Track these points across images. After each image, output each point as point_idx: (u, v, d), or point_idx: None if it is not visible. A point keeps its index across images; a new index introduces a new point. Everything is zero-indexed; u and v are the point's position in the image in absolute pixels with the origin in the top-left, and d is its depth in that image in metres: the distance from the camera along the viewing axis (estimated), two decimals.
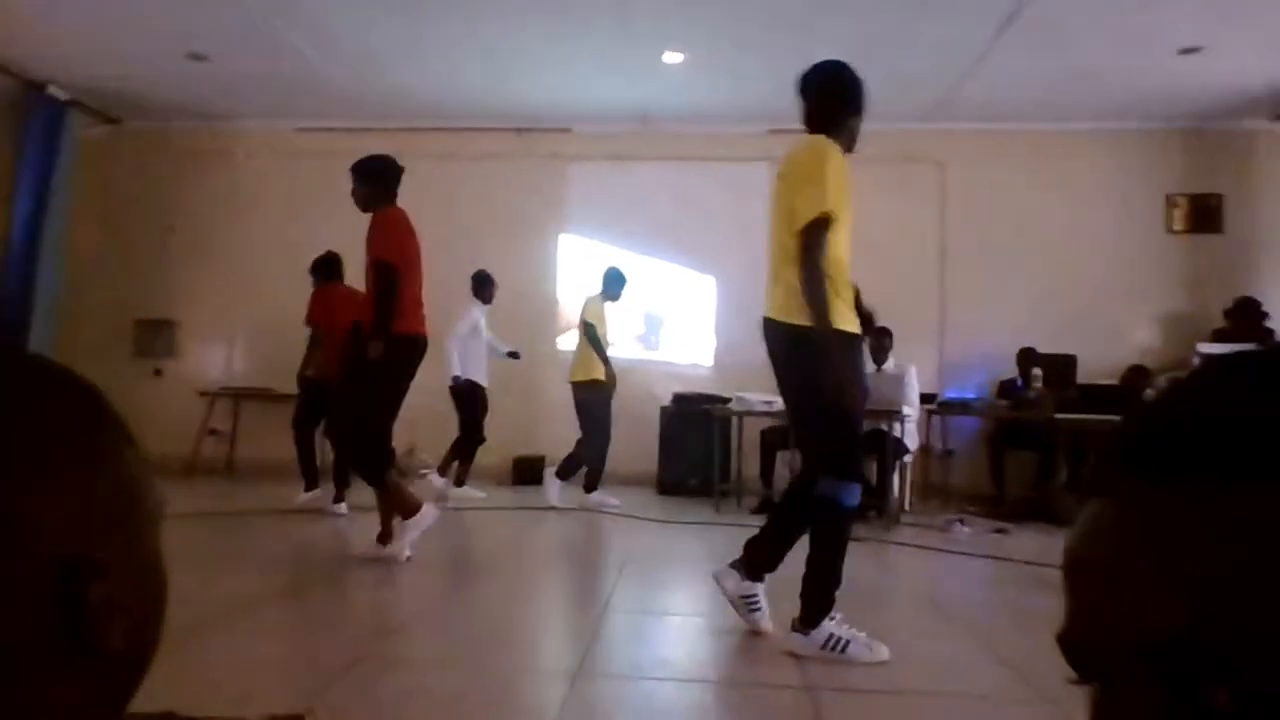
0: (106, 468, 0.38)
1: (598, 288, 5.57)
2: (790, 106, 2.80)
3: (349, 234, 7.16)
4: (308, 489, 5.12)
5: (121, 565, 0.37)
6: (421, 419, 6.97)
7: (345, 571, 3.49)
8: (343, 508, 4.91)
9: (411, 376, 3.64)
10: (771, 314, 2.48)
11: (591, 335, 5.36)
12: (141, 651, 0.40)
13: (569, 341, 7.02)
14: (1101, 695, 0.31)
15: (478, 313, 5.73)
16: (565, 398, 6.61)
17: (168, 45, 5.73)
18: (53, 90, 6.38)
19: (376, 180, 3.78)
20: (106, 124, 7.16)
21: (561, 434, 6.64)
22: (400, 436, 6.92)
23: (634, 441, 6.48)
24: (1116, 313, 6.55)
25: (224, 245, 7.24)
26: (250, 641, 2.41)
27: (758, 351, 7.27)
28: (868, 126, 2.85)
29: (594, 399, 5.37)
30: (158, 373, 7.10)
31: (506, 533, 4.66)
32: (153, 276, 7.14)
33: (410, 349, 3.56)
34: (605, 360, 5.36)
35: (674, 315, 7.09)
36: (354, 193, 3.78)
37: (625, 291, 5.73)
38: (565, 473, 5.38)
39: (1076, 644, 0.32)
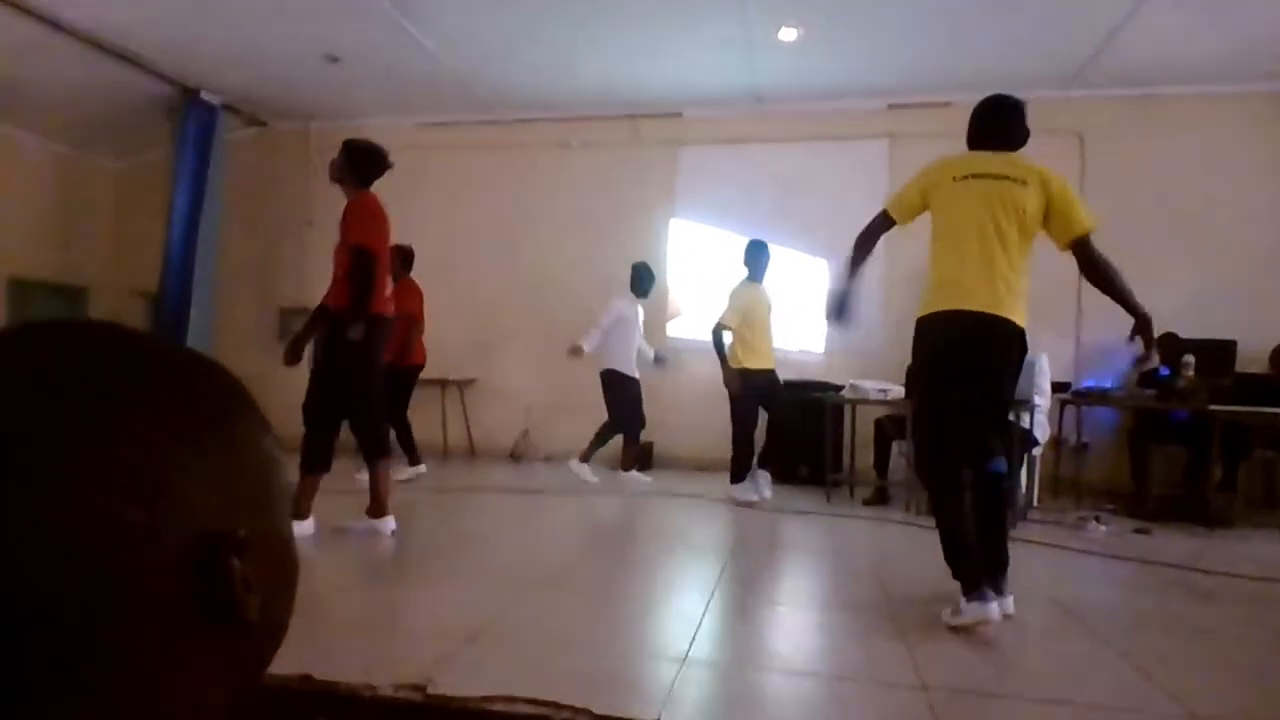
0: (248, 452, 0.41)
1: (743, 274, 5.31)
2: (911, 80, 2.85)
3: (466, 223, 7.48)
4: (411, 464, 5.61)
5: (258, 541, 0.39)
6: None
7: (456, 548, 3.65)
8: (421, 468, 5.59)
9: (382, 355, 3.83)
10: (999, 311, 2.61)
11: (715, 336, 5.14)
12: (276, 621, 0.43)
13: (678, 328, 7.03)
14: None
15: (622, 305, 5.74)
16: (673, 385, 6.64)
17: (305, 48, 6.12)
18: (206, 95, 6.94)
19: (359, 162, 3.84)
20: (253, 126, 7.72)
21: (671, 420, 6.69)
22: (514, 422, 7.23)
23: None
24: None
25: None
26: (374, 613, 2.57)
27: (870, 338, 7.10)
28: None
29: (738, 390, 5.15)
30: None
31: (622, 517, 4.74)
32: (294, 267, 7.68)
33: (383, 328, 3.77)
34: (724, 360, 5.12)
35: (785, 300, 6.95)
36: (330, 173, 3.84)
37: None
38: (735, 476, 5.16)
39: None
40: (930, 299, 2.71)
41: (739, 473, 5.16)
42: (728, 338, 5.20)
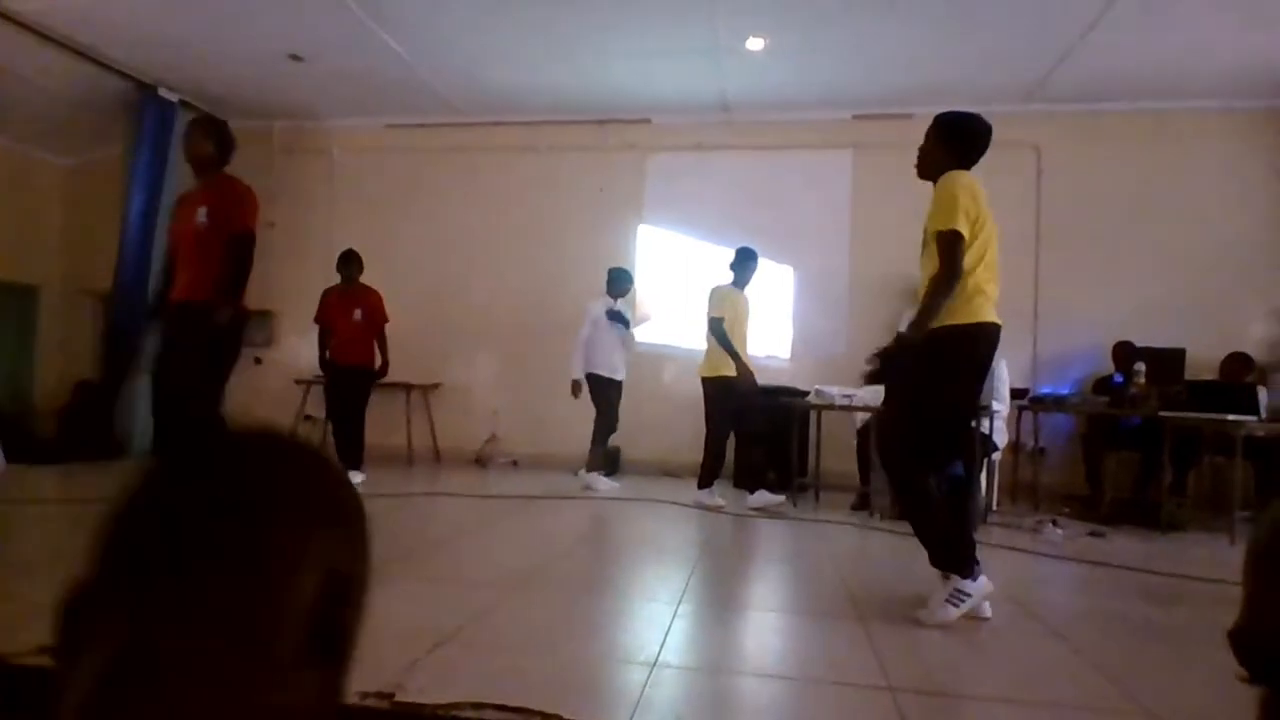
0: (358, 523, 0.54)
1: (728, 277, 5.33)
2: (876, 91, 2.96)
3: (432, 226, 7.41)
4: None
5: (360, 586, 0.52)
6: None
7: (423, 553, 3.60)
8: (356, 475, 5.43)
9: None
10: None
11: (717, 330, 5.12)
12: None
13: (645, 334, 7.04)
14: (1274, 695, 0.30)
15: (595, 307, 5.83)
16: (638, 390, 6.63)
17: (269, 46, 6.01)
18: (164, 92, 6.78)
19: (229, 142, 3.66)
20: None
21: (636, 424, 6.69)
22: (479, 427, 7.17)
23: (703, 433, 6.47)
24: (1229, 304, 6.13)
25: (319, 239, 7.55)
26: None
27: (836, 343, 7.19)
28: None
29: (719, 397, 5.17)
30: (258, 361, 7.49)
31: (589, 522, 4.72)
32: (254, 269, 7.50)
33: (247, 318, 3.63)
34: (734, 354, 5.10)
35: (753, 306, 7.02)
36: (195, 149, 3.59)
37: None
38: (703, 481, 5.19)
39: (1252, 639, 0.31)
40: (970, 308, 2.73)
41: (707, 478, 5.18)
42: (707, 343, 5.24)
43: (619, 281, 5.93)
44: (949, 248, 2.70)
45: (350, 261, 5.86)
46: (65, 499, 4.63)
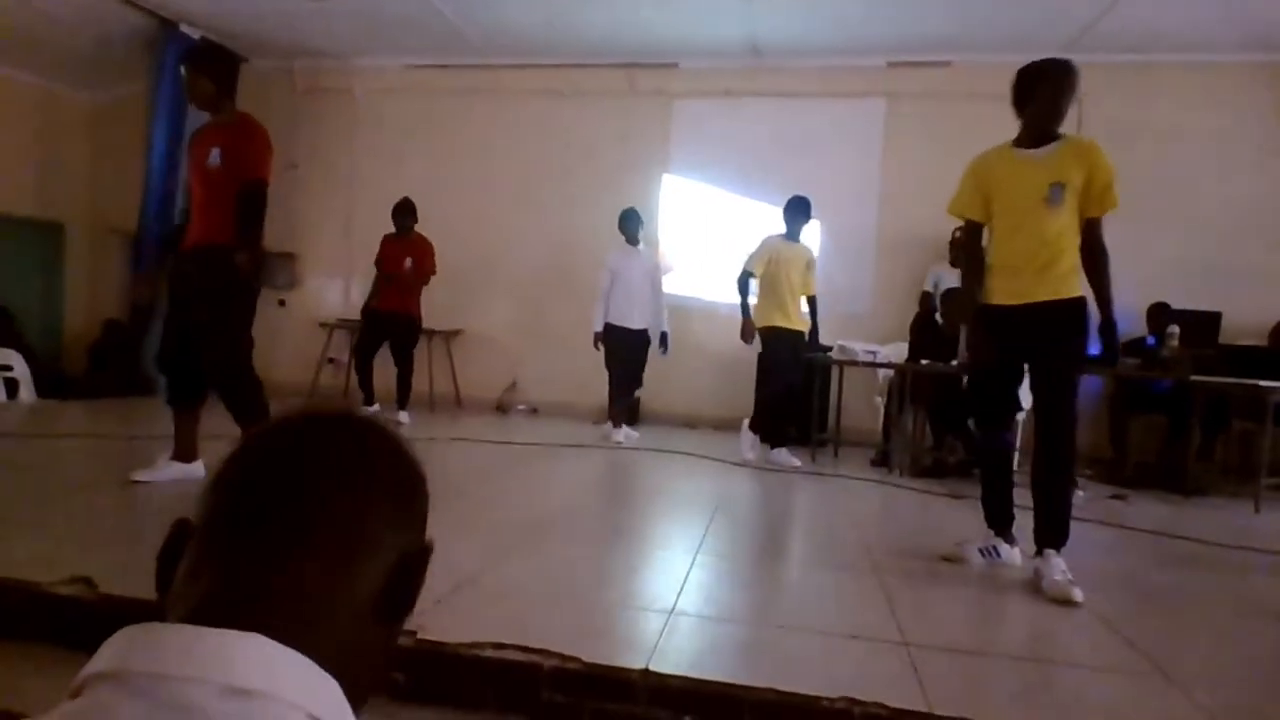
0: (425, 502, 0.62)
1: (780, 227, 5.19)
2: (910, 38, 2.86)
3: (454, 170, 7.33)
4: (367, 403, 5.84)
5: (423, 566, 0.58)
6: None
7: (445, 497, 3.65)
8: (404, 416, 5.85)
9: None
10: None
11: (740, 283, 5.09)
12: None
13: (670, 284, 6.97)
14: None
15: (614, 258, 5.64)
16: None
17: None
18: (185, 29, 6.70)
19: (228, 72, 3.39)
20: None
21: (661, 376, 6.68)
22: (501, 374, 7.20)
23: (731, 388, 6.46)
24: (1269, 267, 5.95)
25: (341, 181, 7.52)
26: None
27: (859, 300, 7.09)
28: (998, 60, 2.92)
29: (769, 346, 5.14)
30: (281, 304, 7.54)
31: (608, 472, 4.76)
32: (276, 211, 7.48)
33: (263, 264, 3.45)
34: (744, 309, 5.08)
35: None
36: (194, 90, 3.34)
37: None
38: (765, 435, 5.12)
39: None
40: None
41: (764, 429, 5.11)
42: (753, 293, 5.14)
43: (626, 223, 5.68)
44: None
45: (405, 212, 5.97)
46: (93, 434, 4.72)
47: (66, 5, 6.07)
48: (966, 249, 2.93)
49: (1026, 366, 2.79)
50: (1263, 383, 4.49)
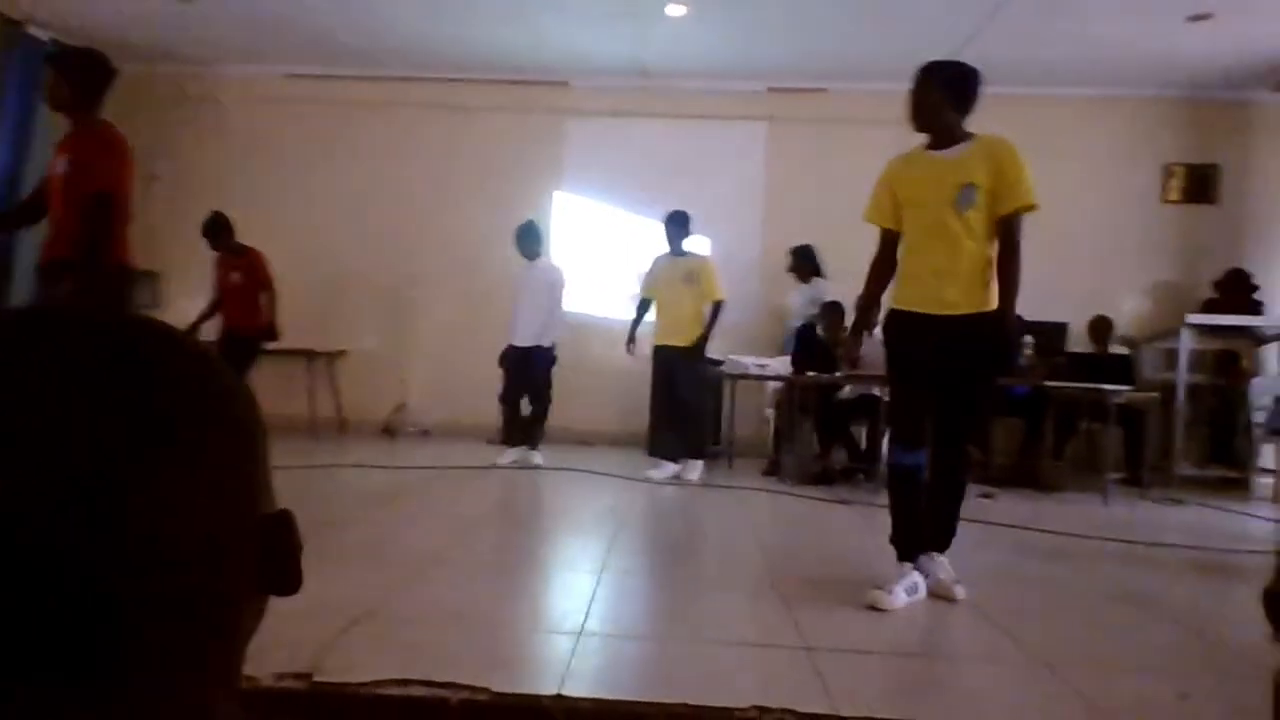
0: (265, 437, 0.44)
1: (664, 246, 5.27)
2: (790, 65, 2.91)
3: (338, 185, 7.06)
4: None
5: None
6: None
7: (333, 527, 3.49)
8: None
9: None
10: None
11: (638, 306, 5.31)
12: None
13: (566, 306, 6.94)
14: None
15: (515, 273, 5.54)
16: (560, 357, 6.56)
17: None
18: (32, 30, 6.16)
19: (93, 77, 3.20)
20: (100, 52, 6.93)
21: (559, 395, 6.64)
22: (387, 395, 6.96)
23: (625, 403, 6.51)
24: (1107, 282, 6.57)
25: (209, 195, 7.07)
26: None
27: (747, 313, 7.27)
28: (872, 88, 3.03)
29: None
30: None
31: (504, 493, 4.68)
32: (136, 224, 6.99)
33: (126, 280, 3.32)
34: (632, 324, 5.33)
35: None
36: (51, 91, 3.17)
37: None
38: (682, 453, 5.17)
39: None
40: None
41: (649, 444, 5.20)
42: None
43: (521, 239, 5.47)
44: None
45: (212, 229, 5.51)
46: None
47: None
48: (876, 256, 2.79)
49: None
50: (1106, 387, 4.95)
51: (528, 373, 5.48)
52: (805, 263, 5.95)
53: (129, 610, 0.35)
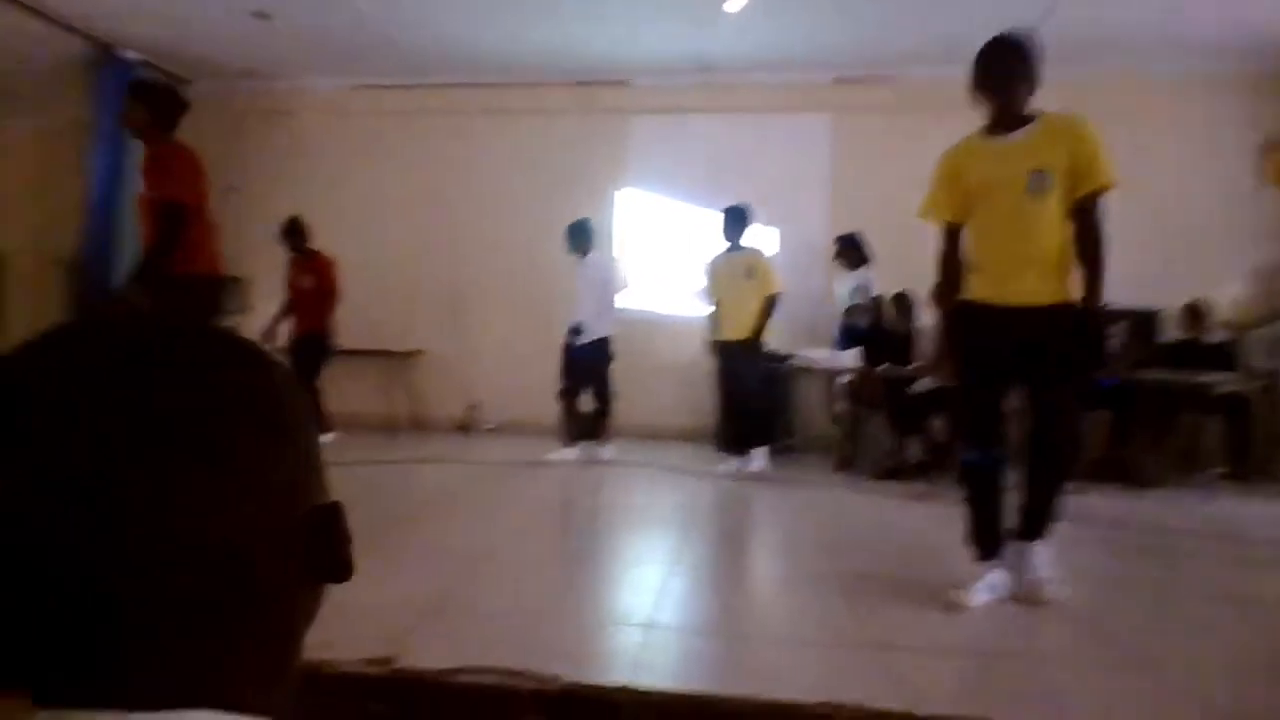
0: (309, 434, 0.45)
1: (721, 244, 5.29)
2: (856, 53, 2.81)
3: (406, 191, 7.27)
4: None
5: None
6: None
7: (411, 521, 3.59)
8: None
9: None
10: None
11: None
12: None
13: (625, 298, 6.97)
14: None
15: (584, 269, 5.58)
16: (626, 353, 6.59)
17: (234, 3, 5.79)
18: (123, 53, 6.53)
19: (164, 105, 3.45)
20: (176, 84, 7.31)
21: (621, 388, 6.68)
22: (461, 394, 7.12)
23: (693, 398, 6.49)
24: (1204, 267, 6.19)
25: (287, 205, 7.37)
26: (330, 589, 2.51)
27: (815, 307, 7.13)
28: (941, 74, 2.87)
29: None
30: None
31: (577, 488, 4.73)
32: (223, 235, 7.34)
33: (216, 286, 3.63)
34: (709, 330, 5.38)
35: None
36: (128, 118, 3.45)
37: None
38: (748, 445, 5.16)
39: None
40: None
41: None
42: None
43: (570, 237, 5.57)
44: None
45: (289, 233, 5.85)
46: None
47: (3, 32, 5.88)
48: (943, 251, 2.64)
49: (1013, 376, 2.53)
50: (1202, 376, 4.67)
51: (587, 369, 5.50)
52: (852, 250, 5.83)
53: (130, 610, 0.35)
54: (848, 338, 5.53)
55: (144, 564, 0.35)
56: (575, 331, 5.48)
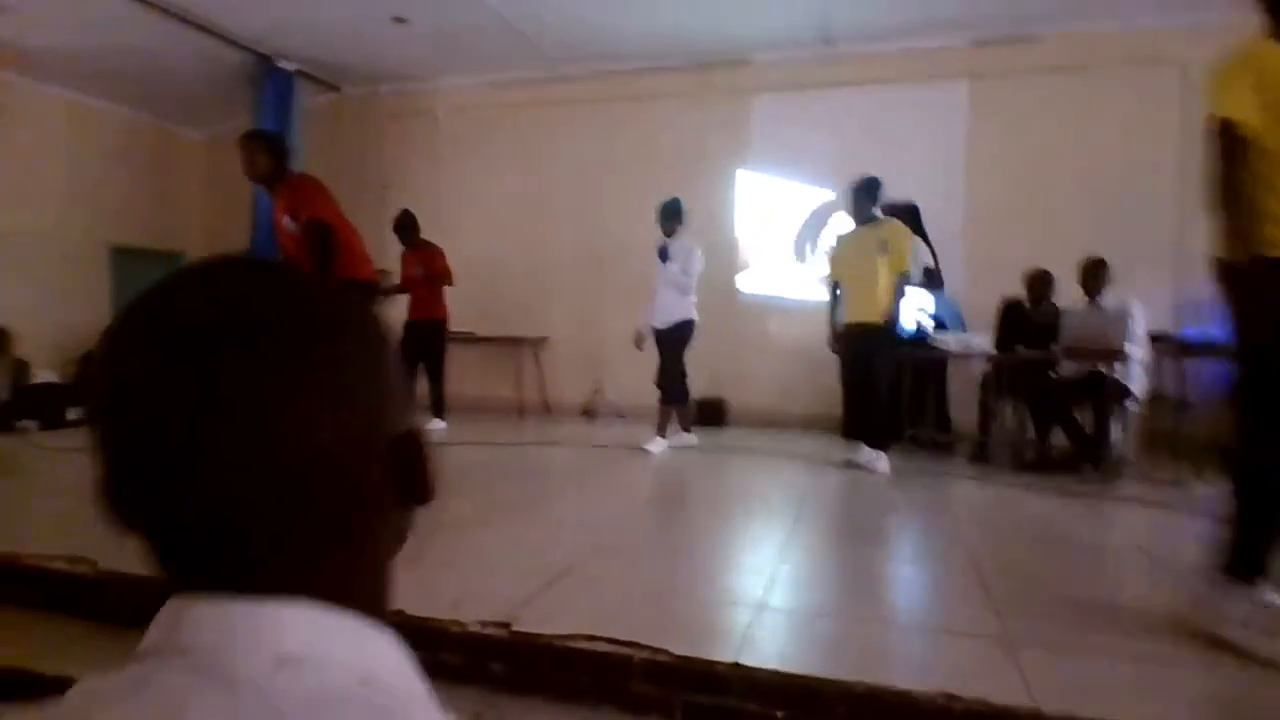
0: (392, 366, 0.48)
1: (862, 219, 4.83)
2: (995, 13, 2.54)
3: (536, 182, 7.51)
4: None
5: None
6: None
7: (536, 498, 3.74)
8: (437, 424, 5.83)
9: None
10: None
11: (830, 291, 4.96)
12: None
13: (746, 281, 6.91)
14: None
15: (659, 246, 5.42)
16: (747, 337, 6.53)
17: (372, 10, 6.16)
18: (281, 63, 7.11)
19: (281, 151, 3.85)
20: (328, 91, 7.89)
21: (738, 373, 6.65)
22: (588, 379, 7.31)
23: (819, 384, 6.35)
24: None
25: (430, 199, 7.80)
26: (460, 555, 2.66)
27: (952, 287, 6.74)
28: (1094, 29, 2.58)
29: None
30: None
31: (694, 473, 4.77)
32: (374, 231, 7.84)
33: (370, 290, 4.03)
34: (830, 316, 4.95)
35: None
36: (251, 169, 3.76)
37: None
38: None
39: None
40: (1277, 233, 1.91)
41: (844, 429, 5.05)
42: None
43: (659, 216, 5.39)
44: None
45: (400, 227, 6.12)
46: None
47: (176, 47, 6.54)
48: (1229, 174, 1.93)
49: None
50: None
51: (667, 353, 5.35)
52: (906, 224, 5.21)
53: (254, 513, 0.41)
54: (1010, 322, 5.15)
55: (279, 470, 0.41)
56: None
